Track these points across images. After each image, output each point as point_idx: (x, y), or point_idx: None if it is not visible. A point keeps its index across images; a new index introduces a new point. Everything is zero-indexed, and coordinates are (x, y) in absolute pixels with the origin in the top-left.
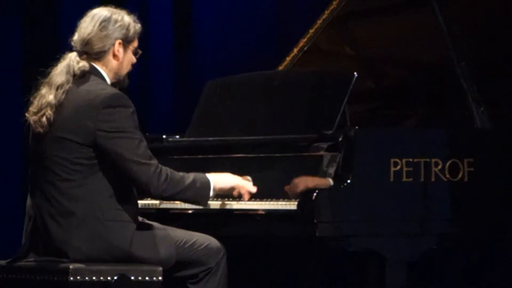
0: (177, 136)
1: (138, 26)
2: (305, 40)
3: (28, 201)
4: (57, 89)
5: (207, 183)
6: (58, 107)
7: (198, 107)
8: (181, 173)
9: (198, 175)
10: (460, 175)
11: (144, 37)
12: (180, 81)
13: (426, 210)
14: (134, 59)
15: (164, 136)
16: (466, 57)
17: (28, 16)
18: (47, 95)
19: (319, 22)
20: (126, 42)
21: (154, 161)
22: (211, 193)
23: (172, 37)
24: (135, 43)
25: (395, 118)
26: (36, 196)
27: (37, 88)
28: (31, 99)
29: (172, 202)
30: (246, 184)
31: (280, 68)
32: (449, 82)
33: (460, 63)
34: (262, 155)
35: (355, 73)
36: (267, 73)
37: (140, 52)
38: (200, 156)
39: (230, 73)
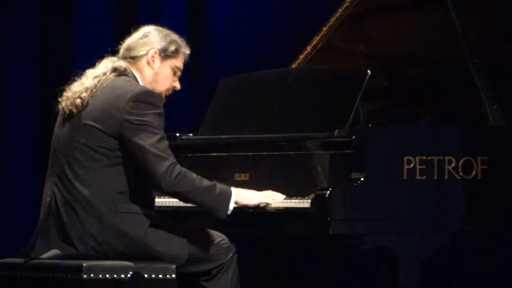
0: (191, 134)
1: (185, 49)
2: (318, 38)
3: (45, 189)
4: (93, 78)
5: (228, 193)
6: (94, 94)
7: (211, 105)
8: (200, 177)
9: (222, 185)
10: (473, 173)
11: None
12: (194, 79)
13: (439, 207)
14: (177, 84)
15: (177, 134)
16: (480, 54)
17: (43, 9)
18: (84, 82)
19: (332, 20)
20: (164, 53)
21: (172, 159)
22: (231, 205)
23: (185, 35)
24: (177, 63)
25: (409, 116)
26: (53, 182)
27: (73, 81)
28: (66, 88)
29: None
30: (272, 196)
31: (294, 66)
32: (463, 79)
33: (473, 60)
34: (275, 153)
35: (368, 70)
36: (281, 71)
37: (179, 73)
38: (213, 154)
39: (243, 71)
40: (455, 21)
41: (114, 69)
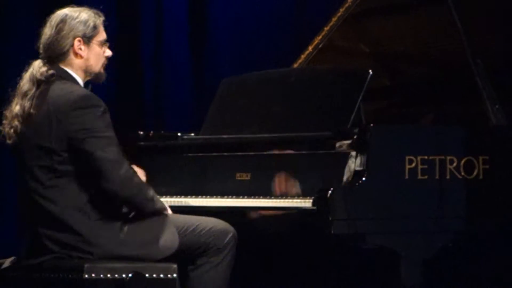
0: (192, 134)
1: (100, 19)
2: (320, 37)
3: (21, 207)
4: (22, 98)
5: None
6: (27, 117)
7: (213, 105)
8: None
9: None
10: (475, 173)
11: (159, 35)
12: (196, 79)
13: (441, 207)
14: (108, 52)
15: (179, 134)
16: (482, 54)
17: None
18: (15, 107)
19: (334, 19)
20: (86, 38)
21: (126, 162)
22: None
23: (187, 34)
24: (100, 37)
25: (410, 116)
26: (27, 205)
27: (9, 101)
28: (4, 113)
29: (183, 201)
30: None
31: (295, 65)
32: (464, 79)
33: (475, 60)
34: (276, 152)
35: (370, 70)
36: (282, 70)
37: (107, 43)
38: (215, 154)
39: (245, 71)
40: (457, 21)
41: (40, 81)
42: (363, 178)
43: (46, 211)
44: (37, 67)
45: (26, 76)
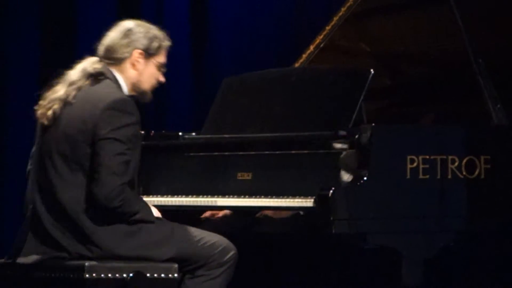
0: (194, 133)
1: (166, 43)
2: (321, 37)
3: (27, 194)
4: (69, 85)
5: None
6: (67, 104)
7: (214, 104)
8: (137, 202)
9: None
10: (476, 172)
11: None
12: (196, 79)
13: (442, 207)
14: (161, 77)
15: (180, 133)
16: (483, 53)
17: (46, 19)
18: (59, 90)
19: (335, 19)
20: (147, 53)
21: (124, 178)
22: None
23: (188, 34)
24: (160, 59)
25: (412, 115)
26: (35, 190)
27: (51, 86)
28: (44, 94)
29: (184, 200)
30: None
31: (297, 65)
32: (466, 79)
33: (477, 60)
34: (278, 152)
35: (371, 70)
36: (284, 70)
37: (164, 69)
38: (216, 153)
39: (246, 70)
40: (459, 20)
41: (91, 75)
42: (365, 178)
43: (55, 200)
44: (92, 62)
45: (79, 67)
